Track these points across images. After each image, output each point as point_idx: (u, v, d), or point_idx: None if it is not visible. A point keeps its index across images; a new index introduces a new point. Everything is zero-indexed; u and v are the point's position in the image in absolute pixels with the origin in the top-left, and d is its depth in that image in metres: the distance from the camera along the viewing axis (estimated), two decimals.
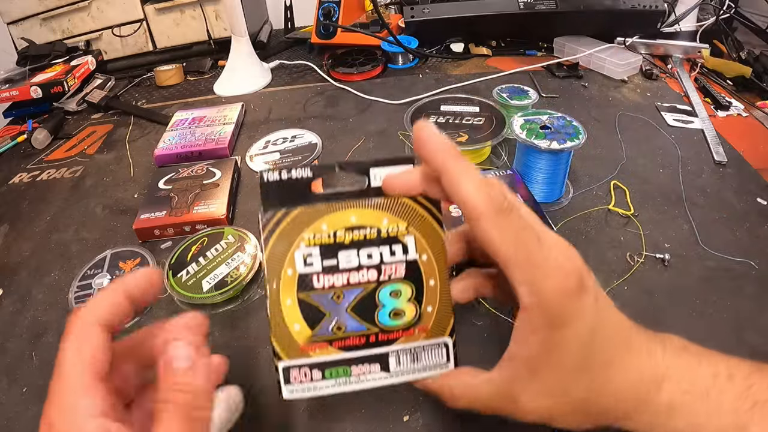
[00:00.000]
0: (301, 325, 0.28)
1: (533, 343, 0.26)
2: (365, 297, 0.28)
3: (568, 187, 0.61)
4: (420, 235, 0.29)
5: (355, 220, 0.28)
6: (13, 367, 0.46)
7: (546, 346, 0.26)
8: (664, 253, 0.51)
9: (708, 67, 0.89)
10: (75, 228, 0.62)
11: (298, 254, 0.28)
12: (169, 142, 0.73)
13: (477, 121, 0.68)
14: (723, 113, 0.77)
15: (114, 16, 1.03)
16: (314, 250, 0.28)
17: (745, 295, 0.47)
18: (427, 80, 0.90)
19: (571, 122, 0.57)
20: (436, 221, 0.29)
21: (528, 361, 0.26)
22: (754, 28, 1.01)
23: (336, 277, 0.28)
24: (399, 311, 0.29)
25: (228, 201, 0.60)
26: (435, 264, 0.29)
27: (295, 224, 0.28)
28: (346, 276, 0.28)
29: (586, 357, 0.26)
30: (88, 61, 0.98)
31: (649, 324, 0.46)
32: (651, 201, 0.59)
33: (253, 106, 0.87)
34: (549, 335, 0.25)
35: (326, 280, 0.28)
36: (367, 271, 0.28)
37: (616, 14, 0.93)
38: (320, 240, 0.28)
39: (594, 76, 0.89)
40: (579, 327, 0.26)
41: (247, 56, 0.93)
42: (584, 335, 0.26)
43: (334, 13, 0.96)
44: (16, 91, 0.88)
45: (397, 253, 0.29)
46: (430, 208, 0.29)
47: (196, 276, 0.50)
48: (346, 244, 0.28)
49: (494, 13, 0.95)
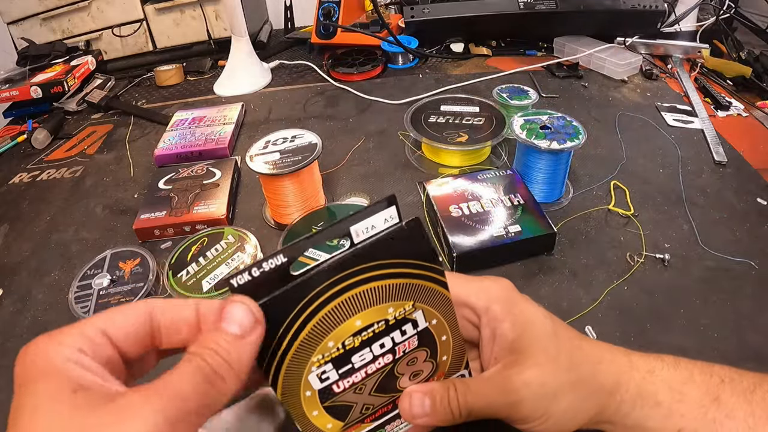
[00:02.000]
0: (333, 422, 0.28)
1: (506, 329, 0.29)
2: (385, 376, 0.29)
3: (568, 187, 0.61)
4: (426, 305, 0.28)
5: (360, 324, 0.27)
6: (13, 367, 0.46)
7: (516, 326, 0.29)
8: (664, 253, 0.51)
9: (708, 67, 0.89)
10: (75, 228, 0.62)
11: (312, 377, 0.27)
12: (169, 142, 0.73)
13: (477, 121, 0.68)
14: (723, 113, 0.77)
15: (114, 16, 1.03)
16: (326, 366, 0.27)
17: (745, 295, 0.47)
18: (427, 80, 0.90)
19: (571, 122, 0.57)
20: (439, 283, 0.28)
21: (510, 347, 0.29)
22: (754, 28, 1.01)
23: (354, 376, 0.28)
24: (417, 372, 0.29)
25: (228, 201, 0.60)
26: (445, 322, 0.29)
27: (299, 354, 0.26)
28: (363, 371, 0.28)
29: (554, 327, 0.30)
30: (88, 61, 0.98)
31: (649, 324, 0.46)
32: (651, 201, 0.59)
33: (253, 106, 0.87)
34: (515, 315, 0.29)
35: (345, 382, 0.28)
36: (383, 358, 0.28)
37: (616, 14, 0.93)
38: (330, 356, 0.27)
39: (594, 76, 0.89)
40: (533, 305, 0.30)
41: (247, 56, 0.93)
42: (541, 310, 0.30)
43: (334, 13, 0.96)
44: (16, 91, 0.88)
45: (408, 331, 0.28)
46: (431, 275, 0.27)
47: (196, 276, 0.50)
48: (357, 347, 0.27)
49: (494, 13, 0.95)
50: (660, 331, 0.45)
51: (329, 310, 0.26)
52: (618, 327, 0.45)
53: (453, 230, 0.51)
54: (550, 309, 0.47)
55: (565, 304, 0.47)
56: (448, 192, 0.55)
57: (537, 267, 0.51)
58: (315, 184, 0.58)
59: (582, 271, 0.51)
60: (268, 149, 0.56)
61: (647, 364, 0.30)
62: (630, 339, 0.44)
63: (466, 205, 0.54)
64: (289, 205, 0.57)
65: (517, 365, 0.28)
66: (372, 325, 0.27)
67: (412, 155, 0.70)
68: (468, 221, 0.52)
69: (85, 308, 0.49)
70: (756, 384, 0.28)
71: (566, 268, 0.51)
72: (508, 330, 0.29)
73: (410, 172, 0.67)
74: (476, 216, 0.52)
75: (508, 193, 0.55)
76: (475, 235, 0.51)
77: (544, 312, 0.30)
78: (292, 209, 0.57)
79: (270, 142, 0.57)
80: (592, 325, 0.45)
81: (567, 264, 0.52)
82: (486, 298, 0.30)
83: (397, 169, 0.67)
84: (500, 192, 0.55)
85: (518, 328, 0.29)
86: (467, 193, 0.55)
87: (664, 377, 0.29)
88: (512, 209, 0.53)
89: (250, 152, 0.56)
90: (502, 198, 0.54)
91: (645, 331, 0.45)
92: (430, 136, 0.65)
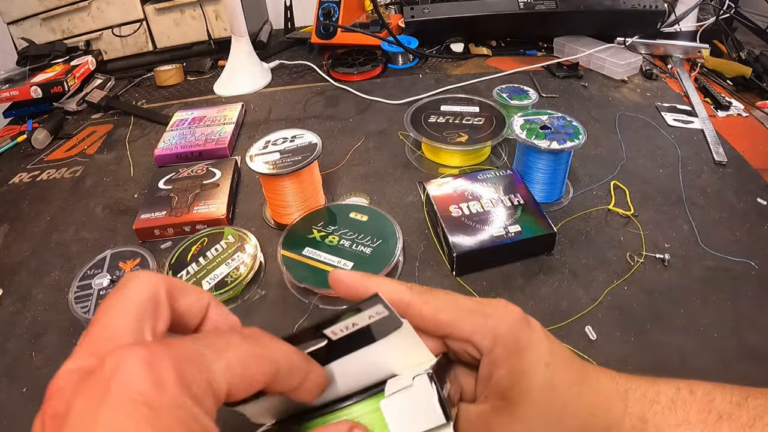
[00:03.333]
0: None
1: (502, 376, 0.27)
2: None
3: (568, 187, 0.61)
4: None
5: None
6: (13, 367, 0.46)
7: (513, 374, 0.27)
8: (664, 253, 0.51)
9: (708, 67, 0.89)
10: (75, 228, 0.62)
11: None
12: (169, 142, 0.73)
13: (477, 121, 0.68)
14: (723, 113, 0.77)
15: (114, 16, 1.03)
16: None
17: (745, 295, 0.47)
18: (427, 80, 0.90)
19: (571, 122, 0.57)
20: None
21: (502, 394, 0.27)
22: (754, 28, 1.00)
23: None
24: None
25: (228, 201, 0.60)
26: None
27: None
28: None
29: (552, 377, 0.27)
30: (88, 61, 0.98)
31: (649, 324, 0.46)
32: (651, 201, 0.59)
33: (253, 106, 0.87)
34: (514, 363, 0.27)
35: None
36: None
37: (616, 14, 0.93)
38: None
39: (594, 76, 0.89)
40: (539, 349, 0.28)
41: (247, 56, 0.93)
42: (546, 355, 0.28)
43: (334, 13, 0.96)
44: (16, 91, 0.88)
45: None
46: None
47: (196, 276, 0.50)
48: None
49: (494, 13, 0.95)
50: (660, 331, 0.45)
51: None
52: (618, 327, 0.45)
53: (453, 230, 0.51)
54: (550, 309, 0.48)
55: (565, 304, 0.47)
56: (448, 192, 0.55)
57: (537, 267, 0.51)
58: (315, 184, 0.58)
59: (582, 271, 0.51)
60: (268, 149, 0.56)
61: (641, 410, 0.28)
62: (630, 339, 0.44)
63: (466, 205, 0.54)
64: (289, 205, 0.57)
65: (504, 414, 0.27)
66: None
67: (412, 155, 0.70)
68: (468, 221, 0.52)
69: (85, 308, 0.49)
70: (756, 417, 0.28)
71: (566, 268, 0.51)
72: (503, 377, 0.28)
73: (410, 172, 0.67)
74: (476, 216, 0.52)
75: (508, 193, 0.55)
76: (475, 235, 0.51)
77: (548, 358, 0.28)
78: (292, 209, 0.57)
79: (270, 142, 0.57)
80: (592, 325, 0.45)
81: (567, 264, 0.52)
82: (492, 338, 0.28)
83: (397, 169, 0.67)
84: (500, 192, 0.55)
85: (514, 376, 0.27)
86: (467, 193, 0.55)
87: (658, 423, 0.28)
88: (512, 209, 0.53)
89: (250, 152, 0.56)
90: (502, 198, 0.54)
91: (645, 331, 0.45)
92: (430, 136, 0.65)
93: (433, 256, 0.54)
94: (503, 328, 0.27)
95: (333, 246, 0.52)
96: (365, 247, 0.51)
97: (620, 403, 0.29)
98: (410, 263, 0.53)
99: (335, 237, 0.53)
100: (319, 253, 0.51)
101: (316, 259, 0.50)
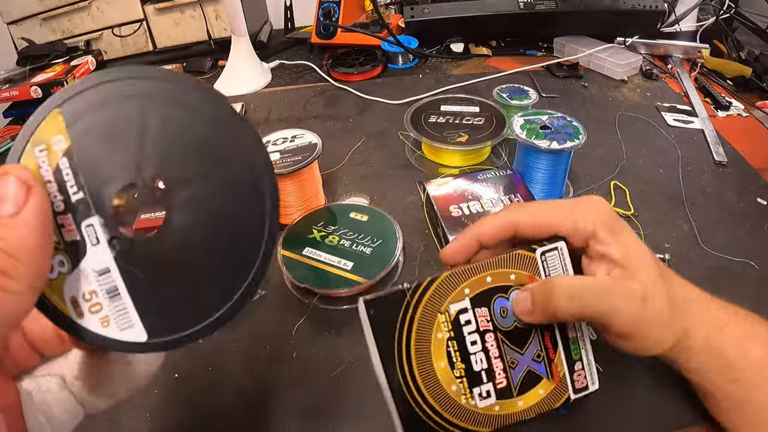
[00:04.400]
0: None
1: (614, 251, 0.33)
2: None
3: (568, 187, 0.61)
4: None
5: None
6: None
7: (623, 248, 0.33)
8: (664, 253, 0.51)
9: (708, 67, 0.89)
10: None
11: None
12: None
13: (477, 121, 0.68)
14: (723, 113, 0.77)
15: (114, 16, 1.03)
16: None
17: (745, 295, 0.47)
18: (427, 80, 0.90)
19: (571, 122, 0.57)
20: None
21: (618, 262, 0.32)
22: (754, 28, 1.01)
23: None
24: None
25: None
26: None
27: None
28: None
29: (655, 259, 0.34)
30: (88, 61, 0.98)
31: None
32: (651, 201, 0.59)
33: (253, 106, 0.87)
34: (620, 239, 0.33)
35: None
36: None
37: (616, 14, 0.93)
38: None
39: (594, 76, 0.89)
40: (634, 236, 0.34)
41: (247, 56, 0.93)
42: (641, 242, 0.34)
43: (334, 13, 0.96)
44: (16, 91, 0.88)
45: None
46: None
47: None
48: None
49: (494, 13, 0.95)
50: None
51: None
52: None
53: (453, 230, 0.51)
54: None
55: None
56: (448, 192, 0.55)
57: None
58: (315, 184, 0.58)
59: None
60: (268, 149, 0.56)
61: (719, 320, 0.34)
62: None
63: (466, 205, 0.54)
64: (289, 205, 0.57)
65: (623, 277, 0.32)
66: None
67: (412, 155, 0.70)
68: (468, 221, 0.52)
69: None
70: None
71: None
72: (615, 251, 0.33)
73: (410, 172, 0.67)
74: (476, 216, 0.52)
75: (508, 193, 0.55)
76: None
77: (642, 242, 0.34)
78: (292, 209, 0.57)
79: (270, 142, 0.57)
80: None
81: None
82: (592, 222, 0.33)
83: (397, 169, 0.67)
84: (500, 192, 0.55)
85: (624, 249, 0.33)
86: (467, 193, 0.55)
87: (733, 333, 0.33)
88: None
89: None
90: (502, 198, 0.54)
91: None
92: (430, 136, 0.65)
93: (433, 256, 0.54)
94: (602, 216, 0.34)
95: (333, 246, 0.52)
96: (365, 247, 0.51)
97: (706, 304, 0.35)
98: (410, 263, 0.53)
99: (335, 237, 0.53)
100: (319, 253, 0.51)
101: (316, 259, 0.50)
